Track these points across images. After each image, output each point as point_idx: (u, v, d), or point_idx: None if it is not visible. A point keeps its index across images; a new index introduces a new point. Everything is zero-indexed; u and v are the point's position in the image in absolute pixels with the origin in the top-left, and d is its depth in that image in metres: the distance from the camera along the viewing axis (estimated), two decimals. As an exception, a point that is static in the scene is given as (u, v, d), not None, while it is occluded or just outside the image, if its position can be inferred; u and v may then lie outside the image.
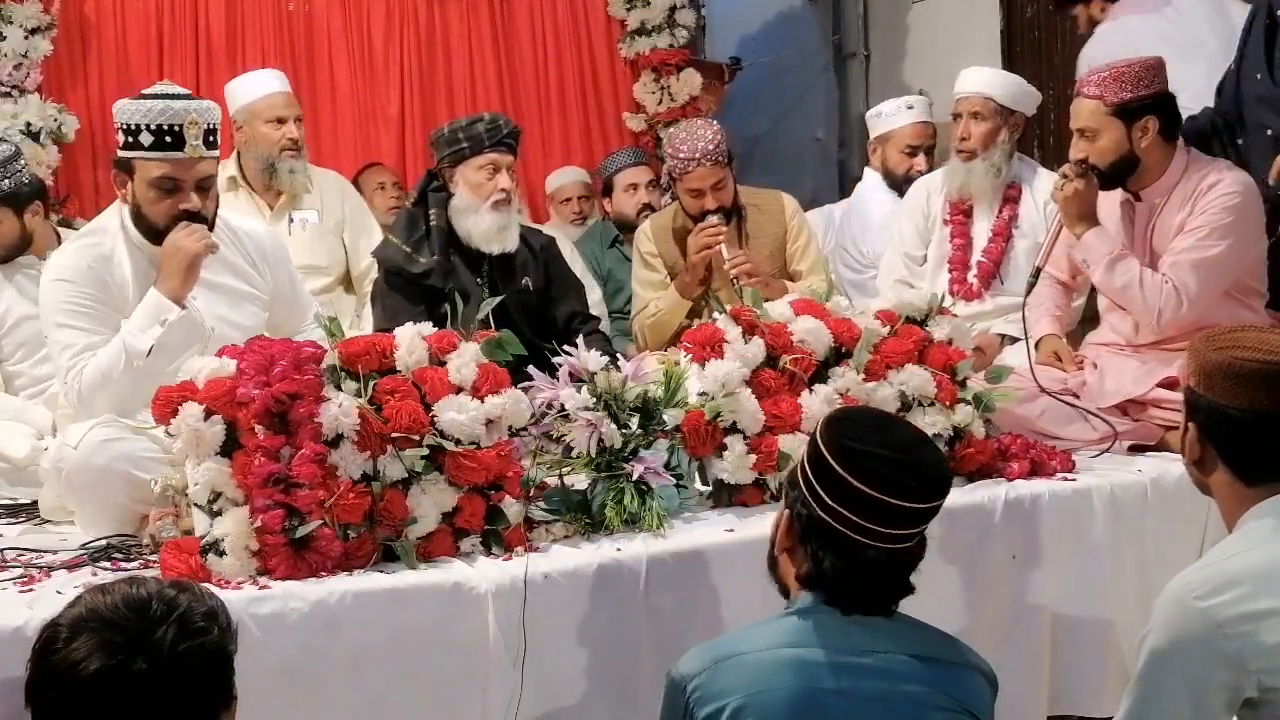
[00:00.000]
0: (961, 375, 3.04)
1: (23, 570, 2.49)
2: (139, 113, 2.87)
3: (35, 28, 4.85)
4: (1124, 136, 3.32)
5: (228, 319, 3.04)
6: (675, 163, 4.01)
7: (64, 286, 2.91)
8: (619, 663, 2.51)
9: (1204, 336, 2.04)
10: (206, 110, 2.93)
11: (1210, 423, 1.99)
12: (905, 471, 1.85)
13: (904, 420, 2.13)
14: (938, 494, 1.89)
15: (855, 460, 1.86)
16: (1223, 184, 3.30)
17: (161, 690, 1.51)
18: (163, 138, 2.86)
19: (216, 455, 2.41)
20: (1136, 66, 3.35)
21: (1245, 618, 1.83)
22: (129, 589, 1.59)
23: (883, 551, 1.86)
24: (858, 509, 1.85)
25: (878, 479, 1.85)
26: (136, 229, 2.95)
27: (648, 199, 5.02)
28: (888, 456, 1.86)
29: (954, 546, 2.81)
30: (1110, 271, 3.33)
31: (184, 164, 2.89)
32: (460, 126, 3.71)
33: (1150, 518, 2.96)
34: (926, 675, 1.86)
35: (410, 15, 5.58)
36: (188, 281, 2.90)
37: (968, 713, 1.87)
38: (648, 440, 2.73)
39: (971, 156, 3.99)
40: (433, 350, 2.59)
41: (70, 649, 1.51)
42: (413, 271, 3.65)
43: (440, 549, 2.51)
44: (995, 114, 3.99)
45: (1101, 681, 2.93)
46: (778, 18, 6.61)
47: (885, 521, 1.85)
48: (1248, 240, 3.34)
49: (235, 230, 3.16)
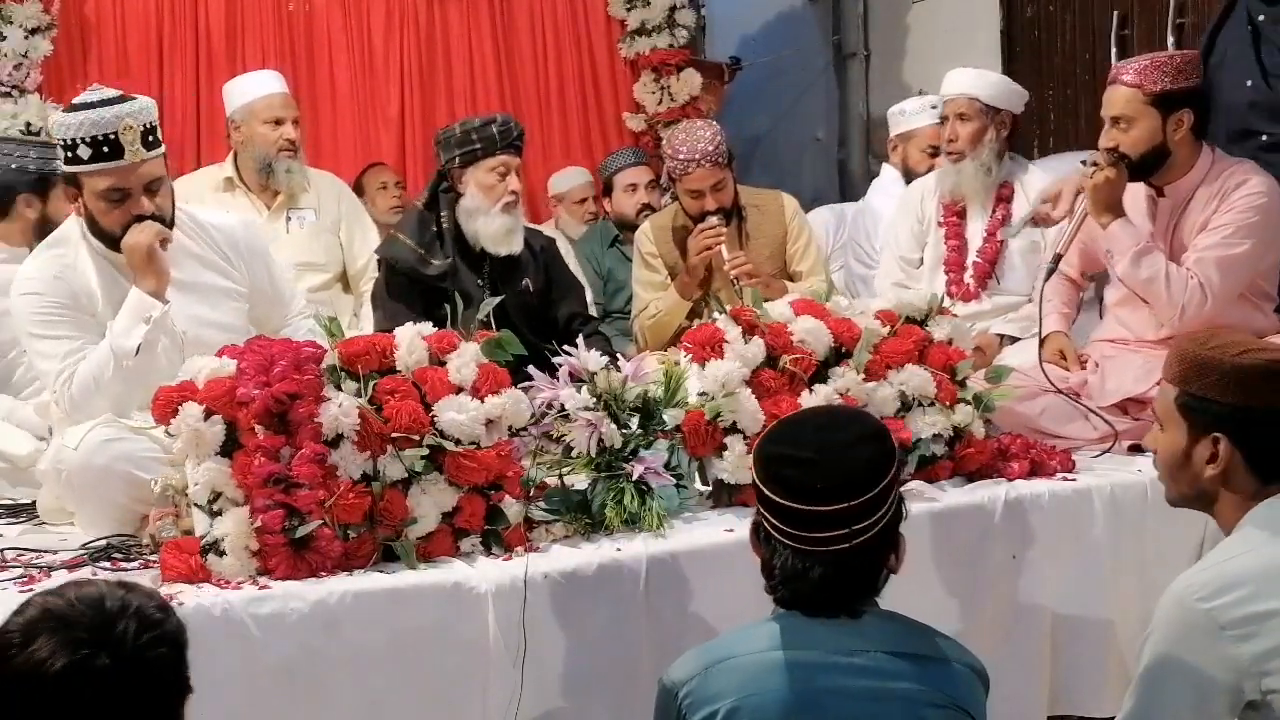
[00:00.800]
0: (961, 375, 3.04)
1: (23, 570, 2.49)
2: (72, 126, 2.83)
3: (35, 28, 4.86)
4: (1159, 127, 3.30)
5: (206, 318, 3.01)
6: (674, 164, 4.00)
7: (34, 299, 2.90)
8: (619, 662, 2.52)
9: (1204, 349, 2.02)
10: (141, 110, 2.88)
11: (1247, 428, 1.98)
12: (812, 473, 1.83)
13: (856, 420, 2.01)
14: (850, 494, 1.82)
15: (766, 466, 1.87)
16: (1250, 184, 3.29)
17: (126, 684, 1.51)
18: (100, 148, 2.82)
19: (216, 455, 2.42)
20: (1177, 58, 3.36)
21: (1247, 619, 1.83)
22: (79, 589, 1.59)
23: (822, 554, 1.84)
24: (773, 513, 1.86)
25: (781, 483, 1.84)
26: (95, 238, 2.94)
27: (647, 199, 5.02)
28: (796, 458, 1.85)
29: (954, 546, 2.82)
30: (1136, 264, 3.30)
31: (127, 171, 2.85)
32: (473, 128, 3.69)
33: (1150, 517, 2.95)
34: (917, 673, 1.85)
35: (410, 15, 5.59)
36: (160, 276, 2.88)
37: (960, 709, 1.86)
38: (648, 440, 2.73)
39: (961, 158, 3.96)
40: (433, 350, 2.59)
41: (30, 651, 1.50)
42: (426, 274, 3.64)
43: (440, 549, 2.51)
44: (981, 114, 3.95)
45: (1102, 681, 2.93)
46: (778, 18, 6.61)
47: (796, 524, 1.84)
48: (1269, 242, 3.33)
49: (202, 224, 3.12)
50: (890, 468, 1.88)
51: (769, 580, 1.91)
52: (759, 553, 1.94)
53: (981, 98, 3.96)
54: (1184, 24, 4.64)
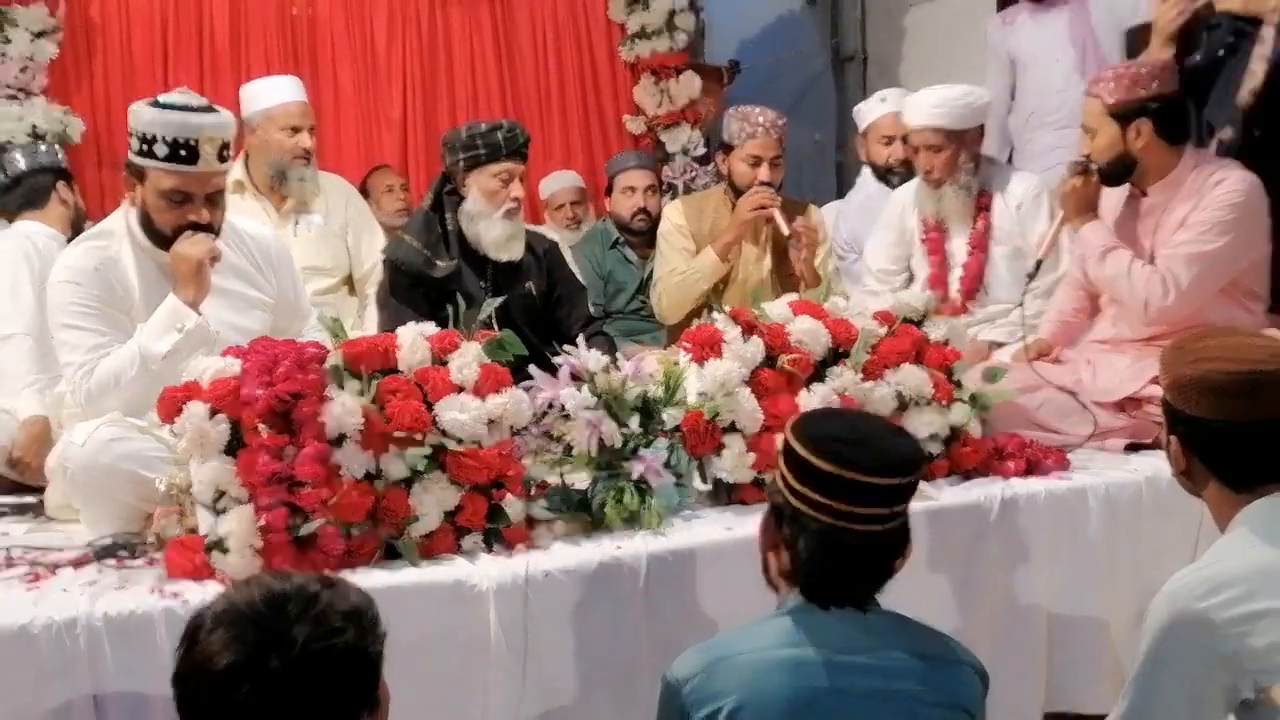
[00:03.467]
0: (958, 375, 3.06)
1: (28, 568, 2.50)
2: (156, 123, 2.87)
3: (41, 31, 4.87)
4: (1119, 136, 3.36)
5: (234, 324, 3.05)
6: (739, 125, 4.07)
7: (71, 288, 2.93)
8: (619, 659, 2.53)
9: (1173, 350, 2.06)
10: (223, 126, 2.94)
11: (1192, 435, 2.02)
12: (866, 451, 1.86)
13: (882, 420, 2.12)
14: (901, 472, 1.87)
15: (818, 443, 1.89)
16: (1228, 181, 3.32)
17: (294, 688, 1.49)
18: (177, 150, 2.86)
19: (221, 454, 2.43)
20: (1145, 69, 3.40)
21: (1241, 618, 1.84)
22: (271, 582, 1.57)
23: (855, 534, 1.86)
24: (822, 488, 1.86)
25: (837, 456, 1.86)
26: (144, 233, 2.97)
27: (644, 203, 5.01)
28: (849, 438, 1.88)
29: (950, 545, 2.83)
30: (1102, 262, 3.38)
31: (197, 178, 2.91)
32: (479, 133, 3.70)
33: (1145, 516, 2.97)
34: (920, 672, 1.86)
35: (412, 19, 5.60)
36: (201, 288, 2.92)
37: (962, 709, 1.87)
38: (648, 439, 2.74)
39: (940, 184, 3.97)
40: (435, 350, 2.61)
41: (208, 641, 1.50)
42: (432, 275, 3.65)
43: (442, 547, 2.52)
44: (948, 140, 3.93)
45: (1097, 678, 2.94)
46: (776, 21, 6.63)
47: (849, 498, 1.85)
48: (1250, 240, 3.35)
49: (241, 234, 3.18)
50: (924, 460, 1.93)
51: (792, 566, 1.91)
52: (774, 542, 1.94)
53: (945, 126, 3.92)
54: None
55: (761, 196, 4.01)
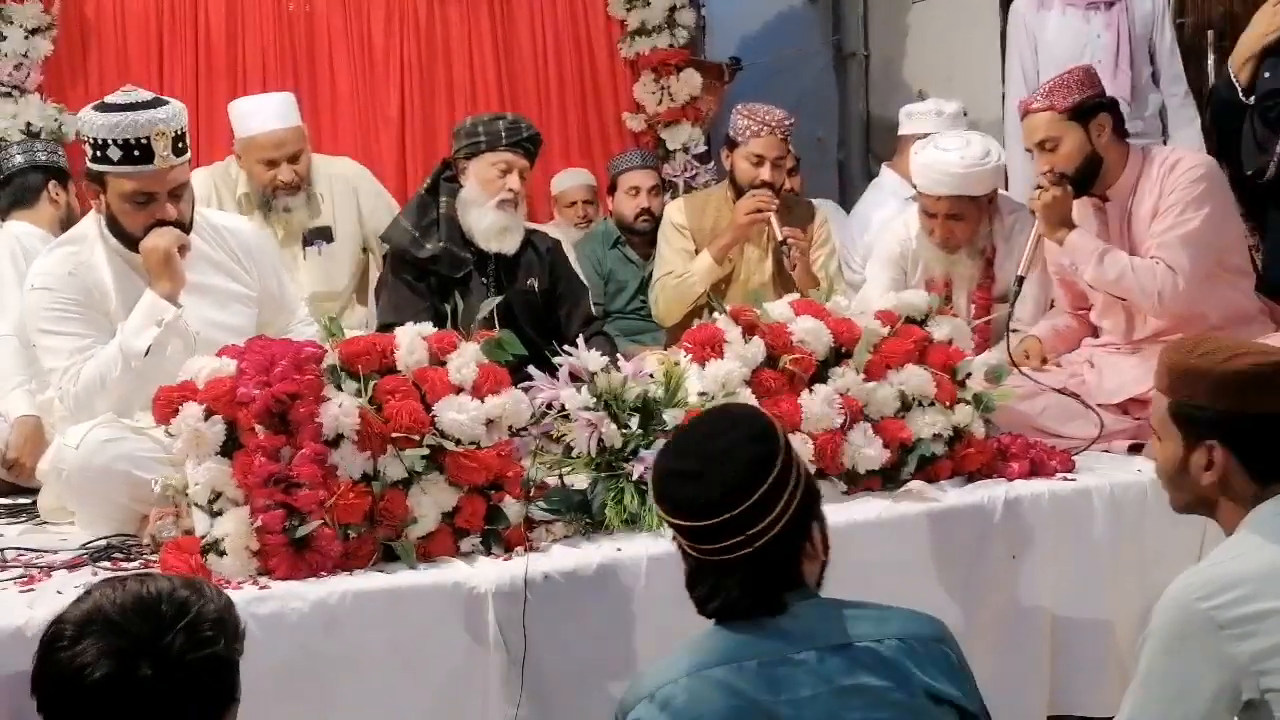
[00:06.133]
0: (961, 375, 3.05)
1: (23, 570, 2.49)
2: (105, 126, 2.83)
3: (35, 28, 4.84)
4: (1084, 138, 3.38)
5: (218, 321, 3.02)
6: (746, 122, 4.04)
7: (46, 294, 2.91)
8: (619, 662, 2.51)
9: (1196, 355, 2.01)
10: (173, 117, 2.88)
11: (1239, 434, 1.98)
12: (693, 488, 1.79)
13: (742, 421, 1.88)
14: (726, 507, 1.76)
15: (656, 484, 1.86)
16: (1184, 161, 3.37)
17: (167, 695, 1.51)
18: (131, 152, 2.82)
19: (217, 455, 2.42)
20: (1078, 72, 3.44)
21: (1246, 619, 1.83)
22: (139, 588, 1.58)
23: (728, 563, 1.78)
24: (674, 530, 1.85)
25: (668, 500, 1.82)
26: (114, 237, 2.95)
27: (648, 204, 5.00)
28: (681, 471, 1.82)
29: (954, 546, 2.83)
30: (1100, 265, 3.35)
31: (155, 176, 2.86)
32: (482, 121, 3.74)
33: (1150, 517, 2.95)
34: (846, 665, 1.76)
35: (410, 15, 5.58)
36: (175, 280, 2.89)
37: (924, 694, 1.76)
38: (648, 440, 2.73)
39: (956, 249, 3.75)
40: (433, 350, 2.59)
41: (76, 650, 1.51)
42: (419, 256, 3.65)
43: (440, 549, 2.51)
44: (972, 206, 3.69)
45: (1102, 681, 2.93)
46: (778, 18, 6.61)
47: (693, 539, 1.80)
48: (1224, 212, 3.40)
49: (217, 228, 3.14)
50: (773, 466, 1.79)
51: (691, 595, 1.85)
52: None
53: (972, 194, 3.68)
54: (1184, 24, 4.65)
55: (758, 200, 3.99)
